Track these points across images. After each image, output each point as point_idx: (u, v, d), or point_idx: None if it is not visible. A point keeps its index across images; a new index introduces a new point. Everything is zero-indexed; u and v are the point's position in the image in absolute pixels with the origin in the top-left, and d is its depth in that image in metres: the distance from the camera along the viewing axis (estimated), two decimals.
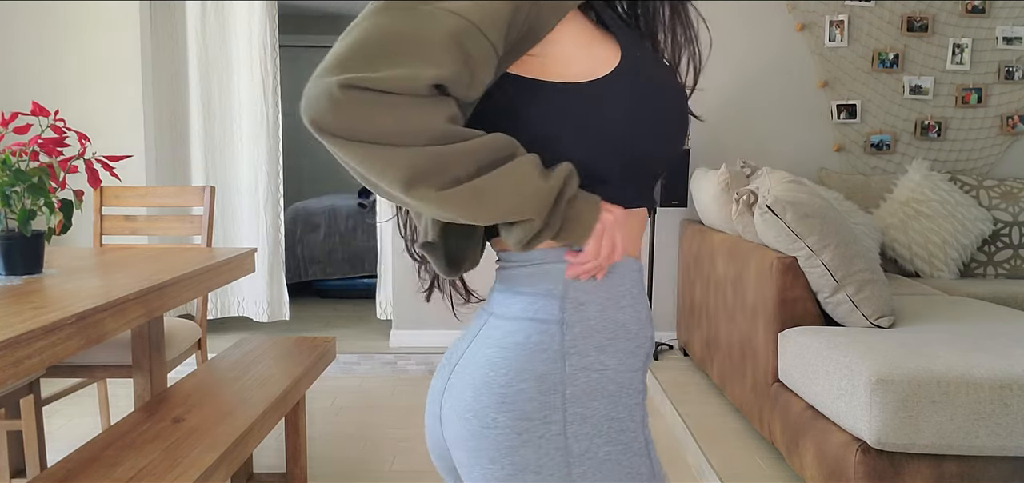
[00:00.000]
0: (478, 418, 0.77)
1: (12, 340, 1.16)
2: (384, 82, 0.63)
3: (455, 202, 0.68)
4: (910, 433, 1.75)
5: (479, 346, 0.81)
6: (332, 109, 0.64)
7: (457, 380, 0.81)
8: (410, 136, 0.65)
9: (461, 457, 0.79)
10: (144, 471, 1.43)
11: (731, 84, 3.77)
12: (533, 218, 0.71)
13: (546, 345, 0.76)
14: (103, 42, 3.66)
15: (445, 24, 0.65)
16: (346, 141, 0.65)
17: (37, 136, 1.71)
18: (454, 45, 0.65)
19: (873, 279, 2.20)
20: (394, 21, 0.66)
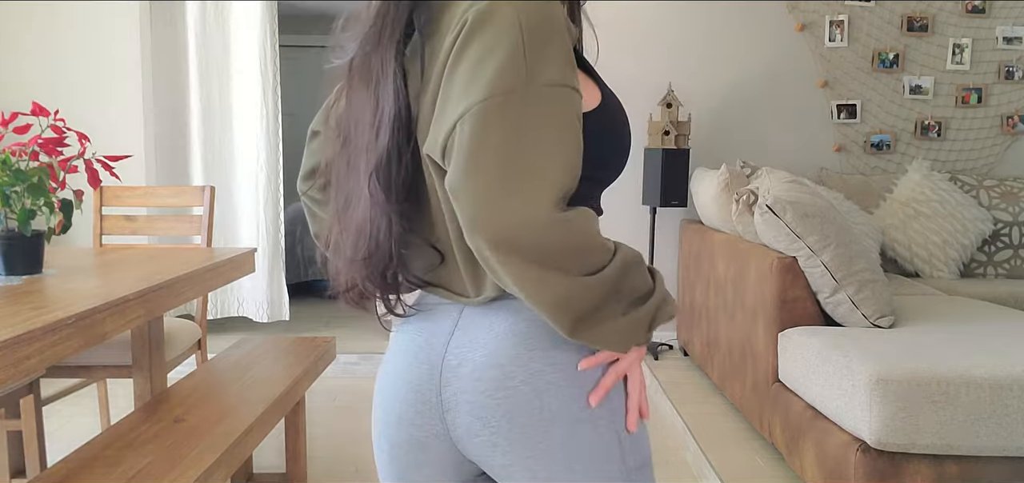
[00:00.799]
0: (528, 400, 0.77)
1: (12, 340, 1.16)
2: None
3: (597, 339, 0.73)
4: (910, 433, 1.75)
5: (499, 334, 0.79)
6: (562, 234, 0.67)
7: (477, 366, 0.79)
8: (585, 258, 0.69)
9: (493, 443, 0.78)
10: (144, 471, 1.43)
11: (731, 84, 3.77)
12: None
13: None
14: (103, 42, 3.66)
15: (573, 103, 0.69)
16: (531, 264, 0.67)
17: (37, 136, 1.71)
18: (577, 119, 0.70)
19: (873, 279, 2.20)
20: (543, 120, 0.68)
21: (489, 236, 0.66)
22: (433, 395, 0.81)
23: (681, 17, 3.71)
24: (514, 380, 0.76)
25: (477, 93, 0.67)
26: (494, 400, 0.77)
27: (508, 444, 0.77)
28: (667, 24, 3.71)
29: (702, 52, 3.73)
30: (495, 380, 0.77)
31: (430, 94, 0.74)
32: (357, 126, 0.80)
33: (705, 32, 3.72)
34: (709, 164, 3.70)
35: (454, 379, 0.80)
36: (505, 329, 0.78)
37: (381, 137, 0.76)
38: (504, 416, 0.77)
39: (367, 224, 0.79)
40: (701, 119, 3.73)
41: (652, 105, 3.64)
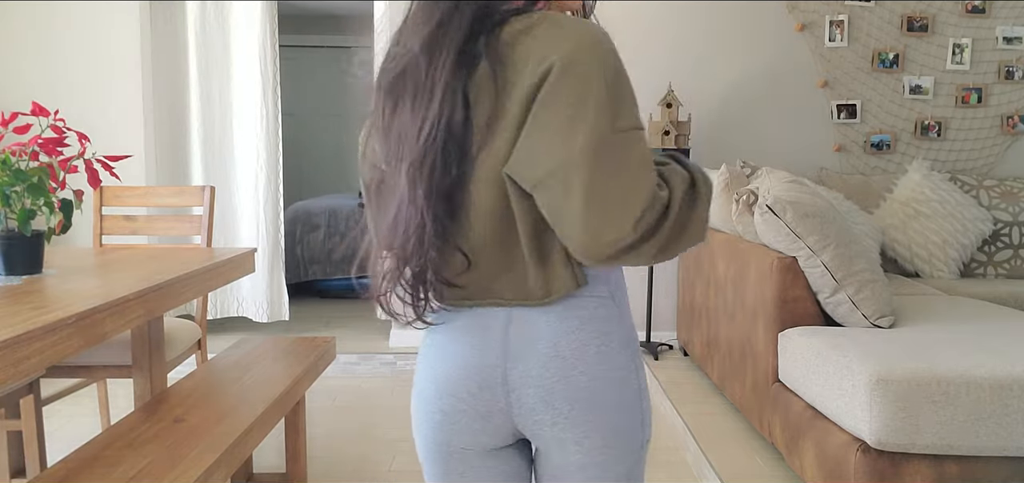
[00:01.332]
0: (591, 379, 0.93)
1: (12, 340, 1.16)
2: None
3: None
4: (910, 433, 1.75)
5: (558, 323, 0.93)
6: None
7: (541, 353, 0.93)
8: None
9: (553, 421, 0.94)
10: (144, 471, 1.43)
11: (731, 84, 3.77)
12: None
13: (608, 313, 0.95)
14: (103, 42, 3.66)
15: (643, 141, 0.85)
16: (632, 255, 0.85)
17: (37, 136, 1.71)
18: (648, 152, 0.86)
19: (873, 279, 2.20)
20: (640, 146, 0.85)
21: (593, 255, 0.83)
22: (498, 378, 0.94)
23: (681, 17, 3.71)
24: (575, 371, 0.92)
25: (575, 143, 0.81)
26: (558, 386, 0.92)
27: (566, 422, 0.93)
28: (667, 24, 3.71)
29: (702, 52, 3.73)
30: (559, 370, 0.92)
31: (509, 121, 0.85)
32: (405, 129, 0.89)
33: (705, 32, 3.73)
34: (709, 164, 3.70)
35: (520, 365, 0.93)
36: (562, 327, 0.93)
37: (428, 139, 0.86)
38: (565, 401, 0.92)
39: (402, 220, 0.89)
40: (701, 119, 3.73)
41: (652, 105, 3.64)
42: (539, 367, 0.92)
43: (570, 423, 0.93)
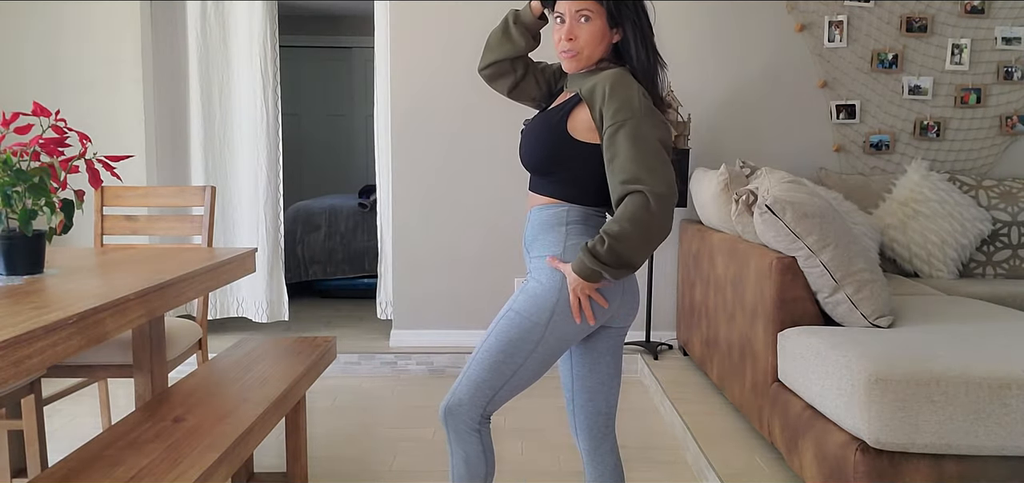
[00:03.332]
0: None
1: (13, 340, 1.16)
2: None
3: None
4: (909, 433, 1.76)
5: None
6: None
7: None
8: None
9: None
10: (145, 471, 1.43)
11: (731, 84, 3.78)
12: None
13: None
14: (104, 42, 3.66)
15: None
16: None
17: (38, 136, 1.71)
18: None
19: (872, 279, 2.20)
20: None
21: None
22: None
23: (681, 17, 3.71)
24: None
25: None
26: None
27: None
28: (667, 24, 3.70)
29: (702, 52, 3.74)
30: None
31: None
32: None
33: (705, 32, 3.73)
34: (709, 164, 3.70)
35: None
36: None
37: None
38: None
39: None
40: (701, 119, 3.73)
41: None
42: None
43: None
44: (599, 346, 1.62)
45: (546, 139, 1.53)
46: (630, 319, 1.62)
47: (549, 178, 1.56)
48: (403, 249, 3.79)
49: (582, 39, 1.50)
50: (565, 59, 1.53)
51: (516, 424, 2.95)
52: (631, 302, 1.59)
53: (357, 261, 4.85)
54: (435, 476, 2.51)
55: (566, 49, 1.51)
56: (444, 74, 3.68)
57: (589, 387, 1.65)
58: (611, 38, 1.52)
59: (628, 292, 1.57)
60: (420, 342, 3.79)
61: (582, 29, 1.49)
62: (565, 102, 1.56)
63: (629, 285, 1.57)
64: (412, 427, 2.95)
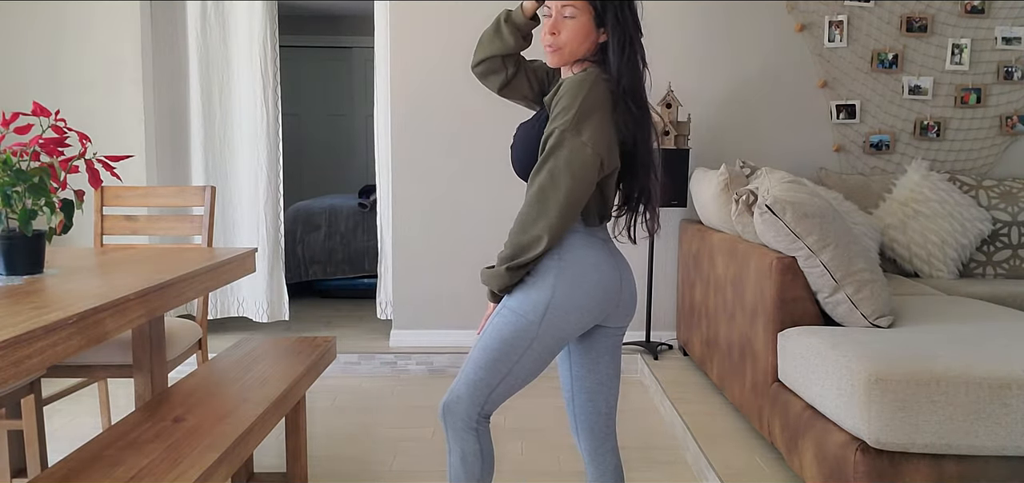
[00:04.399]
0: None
1: (13, 340, 1.16)
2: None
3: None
4: (909, 433, 1.76)
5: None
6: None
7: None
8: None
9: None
10: (144, 470, 1.43)
11: (731, 84, 3.78)
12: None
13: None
14: (104, 42, 3.66)
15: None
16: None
17: (38, 136, 1.71)
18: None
19: (872, 279, 2.20)
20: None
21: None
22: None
23: (681, 17, 3.71)
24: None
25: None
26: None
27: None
28: (667, 24, 3.71)
29: (702, 52, 3.74)
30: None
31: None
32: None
33: (705, 32, 3.73)
34: (709, 164, 3.70)
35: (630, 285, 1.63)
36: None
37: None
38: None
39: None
40: (701, 119, 3.73)
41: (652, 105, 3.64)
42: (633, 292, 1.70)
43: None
44: (597, 346, 1.63)
45: (529, 145, 1.54)
46: (626, 320, 1.63)
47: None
48: (403, 249, 3.79)
49: (564, 35, 1.50)
50: (548, 54, 1.55)
51: (516, 424, 2.95)
52: (628, 302, 1.60)
53: (357, 261, 4.85)
54: (435, 476, 2.51)
55: (549, 43, 1.52)
56: (444, 74, 3.68)
57: (588, 388, 1.65)
58: (598, 38, 1.52)
59: (625, 291, 1.58)
60: (420, 342, 3.79)
61: (566, 25, 1.50)
62: (545, 106, 1.58)
63: (626, 285, 1.58)
64: (412, 427, 2.95)
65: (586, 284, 1.51)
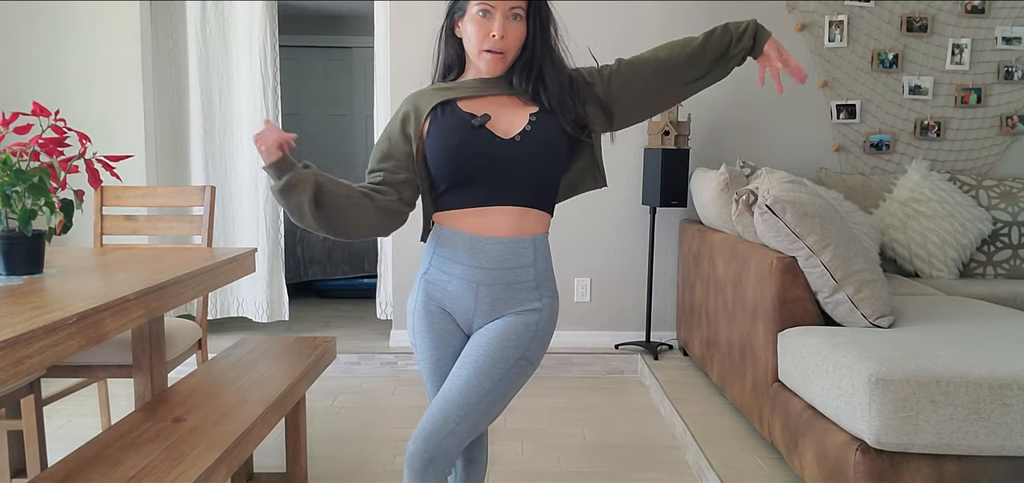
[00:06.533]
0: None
1: (13, 340, 1.16)
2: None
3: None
4: (909, 433, 1.76)
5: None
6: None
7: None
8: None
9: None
10: (144, 470, 1.43)
11: (731, 84, 3.76)
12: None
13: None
14: (104, 42, 3.66)
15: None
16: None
17: (38, 136, 1.71)
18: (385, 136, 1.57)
19: (872, 279, 2.20)
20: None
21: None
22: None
23: (681, 17, 3.71)
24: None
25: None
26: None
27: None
28: (667, 24, 3.71)
29: None
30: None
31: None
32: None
33: None
34: (709, 164, 3.70)
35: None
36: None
37: None
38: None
39: None
40: (701, 119, 3.73)
41: None
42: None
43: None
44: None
45: (561, 152, 1.48)
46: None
47: (550, 198, 1.48)
48: (403, 249, 3.78)
49: (510, 38, 1.39)
50: (491, 60, 1.40)
51: (516, 424, 2.95)
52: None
53: (357, 261, 4.85)
54: None
55: (497, 47, 1.39)
56: None
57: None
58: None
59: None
60: None
61: (512, 27, 1.39)
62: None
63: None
64: (412, 427, 2.95)
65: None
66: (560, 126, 1.43)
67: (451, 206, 1.43)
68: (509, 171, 1.39)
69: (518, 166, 1.39)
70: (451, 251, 1.43)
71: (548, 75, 1.42)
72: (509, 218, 1.41)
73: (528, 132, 1.40)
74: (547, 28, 1.44)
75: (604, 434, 2.84)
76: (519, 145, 1.40)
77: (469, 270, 1.42)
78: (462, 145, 1.38)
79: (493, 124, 1.40)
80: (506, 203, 1.40)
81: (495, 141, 1.39)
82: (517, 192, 1.41)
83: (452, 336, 1.48)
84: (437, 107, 1.44)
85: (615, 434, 2.83)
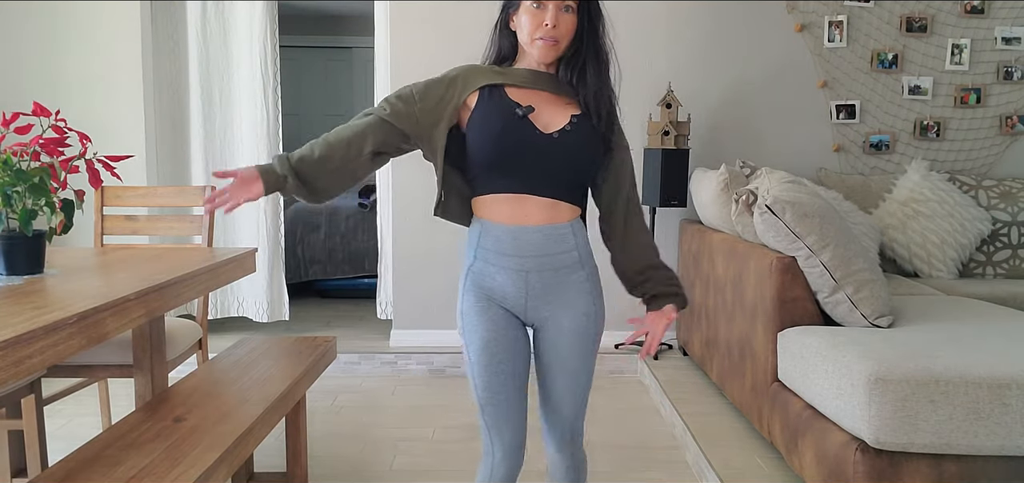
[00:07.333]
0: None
1: (13, 340, 1.16)
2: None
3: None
4: (909, 432, 1.76)
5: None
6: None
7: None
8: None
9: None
10: (145, 470, 1.43)
11: (731, 84, 3.78)
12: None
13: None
14: (104, 42, 3.66)
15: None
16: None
17: (38, 136, 1.71)
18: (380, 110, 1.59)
19: (872, 279, 2.20)
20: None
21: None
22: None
23: (681, 17, 3.71)
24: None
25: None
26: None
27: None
28: (667, 24, 3.71)
29: (702, 52, 3.74)
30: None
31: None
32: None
33: (705, 32, 3.73)
34: (709, 164, 3.70)
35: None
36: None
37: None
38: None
39: None
40: (701, 119, 3.73)
41: (652, 105, 3.65)
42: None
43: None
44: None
45: (593, 152, 1.54)
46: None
47: (581, 193, 1.57)
48: (403, 249, 3.79)
49: (562, 28, 1.46)
50: (544, 46, 1.46)
51: None
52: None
53: (357, 261, 4.85)
54: (435, 476, 2.51)
55: (550, 36, 1.45)
56: None
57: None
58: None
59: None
60: (420, 342, 3.79)
61: (564, 19, 1.46)
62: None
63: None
64: (412, 427, 2.95)
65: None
66: (594, 129, 1.50)
67: (486, 190, 1.51)
68: (544, 165, 1.46)
69: (554, 162, 1.46)
70: (495, 243, 1.50)
71: (590, 72, 1.49)
72: (542, 208, 1.48)
73: (567, 131, 1.47)
74: (595, 25, 1.50)
75: (604, 434, 2.84)
76: (557, 142, 1.46)
77: (515, 260, 1.49)
78: (504, 132, 1.45)
79: (535, 116, 1.47)
80: (539, 193, 1.48)
81: (535, 133, 1.46)
82: (550, 185, 1.48)
83: (504, 319, 1.54)
84: (486, 88, 1.51)
85: (615, 434, 2.84)
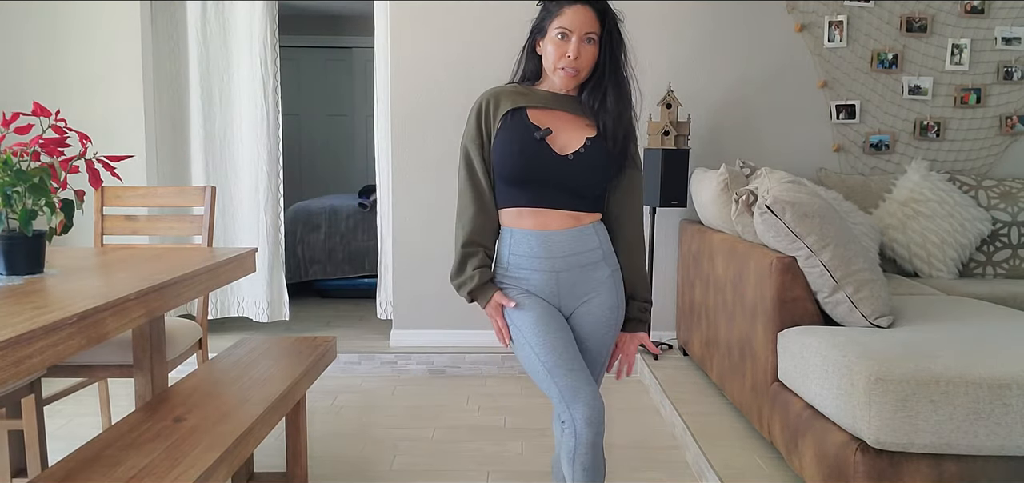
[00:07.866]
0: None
1: (13, 340, 1.16)
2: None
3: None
4: (909, 433, 1.76)
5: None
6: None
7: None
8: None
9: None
10: (145, 470, 1.43)
11: (731, 84, 3.78)
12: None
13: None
14: (104, 42, 3.66)
15: (465, 157, 1.74)
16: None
17: (38, 136, 1.71)
18: (467, 170, 1.74)
19: (872, 279, 2.20)
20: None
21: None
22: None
23: (681, 17, 3.71)
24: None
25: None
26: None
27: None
28: (667, 24, 3.71)
29: (702, 52, 3.74)
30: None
31: None
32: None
33: (705, 32, 3.73)
34: (709, 164, 3.70)
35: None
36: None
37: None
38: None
39: None
40: (701, 119, 3.73)
41: (652, 105, 3.65)
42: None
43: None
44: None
45: (606, 170, 1.69)
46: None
47: (598, 202, 1.72)
48: (403, 249, 3.79)
49: (584, 59, 1.60)
50: (565, 76, 1.61)
51: (516, 424, 2.95)
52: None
53: (357, 261, 4.85)
54: (435, 476, 2.51)
55: (571, 68, 1.59)
56: (444, 74, 3.68)
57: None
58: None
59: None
60: (420, 342, 3.79)
61: (586, 50, 1.60)
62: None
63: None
64: (412, 427, 2.95)
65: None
66: (609, 152, 1.64)
67: (509, 203, 1.67)
68: (561, 183, 1.62)
69: (568, 181, 1.62)
70: (526, 248, 1.66)
71: (610, 99, 1.63)
72: (563, 217, 1.65)
73: (581, 154, 1.62)
74: (617, 55, 1.64)
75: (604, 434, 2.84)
76: (571, 164, 1.61)
77: (546, 262, 1.65)
78: (522, 153, 1.61)
79: (552, 139, 1.63)
80: (558, 207, 1.64)
81: (551, 155, 1.62)
82: (567, 199, 1.64)
83: (540, 301, 1.67)
84: (508, 112, 1.66)
85: (615, 434, 2.83)
